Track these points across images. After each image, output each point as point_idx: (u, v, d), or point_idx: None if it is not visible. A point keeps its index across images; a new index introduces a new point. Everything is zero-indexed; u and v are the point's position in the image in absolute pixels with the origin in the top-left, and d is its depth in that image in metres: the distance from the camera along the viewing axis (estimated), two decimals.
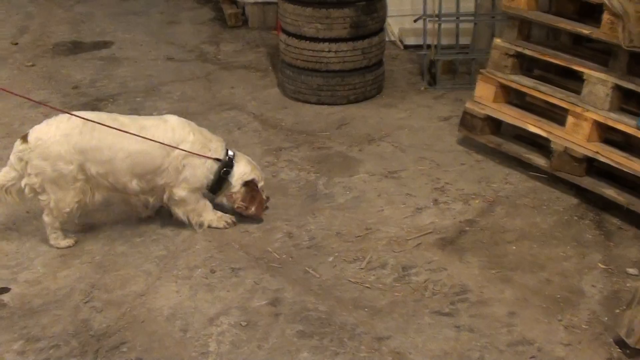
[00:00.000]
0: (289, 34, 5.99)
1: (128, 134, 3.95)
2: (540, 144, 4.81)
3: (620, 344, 3.35)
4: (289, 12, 5.90)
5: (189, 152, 4.06)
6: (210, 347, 3.35)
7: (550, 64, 4.92)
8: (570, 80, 4.81)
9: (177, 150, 4.06)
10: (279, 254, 4.02)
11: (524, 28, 4.96)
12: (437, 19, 6.29)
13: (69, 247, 4.12)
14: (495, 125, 5.07)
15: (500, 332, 3.42)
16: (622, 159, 4.31)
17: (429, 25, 6.36)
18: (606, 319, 3.54)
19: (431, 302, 3.62)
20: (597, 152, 4.40)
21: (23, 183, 4.01)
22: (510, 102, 5.08)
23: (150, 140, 4.00)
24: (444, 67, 6.57)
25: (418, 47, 6.78)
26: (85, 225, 4.29)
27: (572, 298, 3.68)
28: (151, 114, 5.68)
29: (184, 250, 4.07)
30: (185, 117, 4.24)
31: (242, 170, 4.24)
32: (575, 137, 4.49)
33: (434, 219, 4.34)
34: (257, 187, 4.28)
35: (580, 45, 5.16)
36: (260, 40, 7.76)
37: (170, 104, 5.97)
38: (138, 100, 6.15)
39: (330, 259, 3.97)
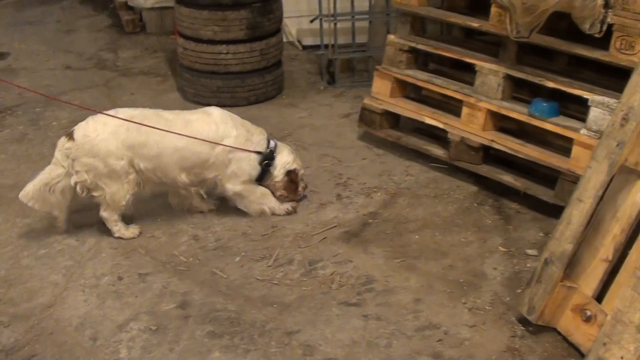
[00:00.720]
0: (186, 37, 5.97)
1: (173, 129, 4.06)
2: (438, 136, 4.94)
3: (523, 321, 3.47)
4: (185, 15, 5.88)
5: (233, 147, 4.16)
6: (121, 353, 3.32)
7: (445, 58, 5.06)
8: (465, 72, 4.95)
9: (228, 142, 4.16)
10: (185, 257, 4.01)
11: (417, 24, 5.09)
12: (332, 18, 6.37)
13: (134, 237, 4.19)
14: (394, 120, 5.18)
15: (407, 319, 3.50)
16: (517, 146, 4.46)
17: (326, 25, 6.43)
18: (508, 299, 3.66)
19: (338, 294, 3.67)
20: (493, 140, 4.55)
21: (73, 181, 4.03)
22: (407, 96, 5.19)
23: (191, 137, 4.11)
24: (342, 66, 6.65)
25: (316, 47, 6.84)
26: None
27: (475, 281, 3.80)
28: (51, 124, 5.59)
29: (90, 259, 4.01)
30: None
31: (285, 160, 4.36)
32: (470, 127, 4.63)
33: (337, 213, 4.41)
34: (297, 176, 4.41)
35: (472, 39, 5.31)
36: (158, 45, 7.71)
37: (70, 113, 5.85)
38: (37, 111, 6.00)
39: (237, 258, 3.98)
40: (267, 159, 4.29)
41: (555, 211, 4.33)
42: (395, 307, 3.58)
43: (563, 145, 4.31)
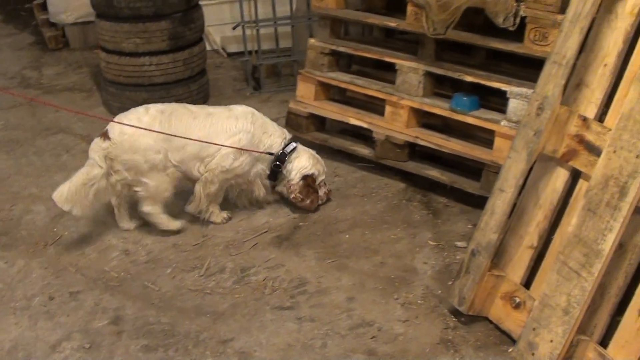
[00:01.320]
0: (108, 51, 5.90)
1: (195, 122, 4.18)
2: (364, 136, 4.97)
3: (455, 313, 3.53)
4: (106, 29, 5.82)
5: (237, 148, 4.21)
6: None
7: (367, 59, 5.11)
8: (387, 71, 5.01)
9: (234, 138, 4.20)
10: (116, 272, 3.96)
11: (336, 26, 5.12)
12: (255, 24, 6.38)
13: (180, 230, 4.29)
14: (320, 122, 5.20)
15: (341, 318, 3.52)
16: (441, 141, 4.53)
17: (248, 32, 6.44)
18: (440, 292, 3.72)
19: (272, 299, 3.68)
20: (417, 137, 4.60)
21: (113, 180, 4.12)
22: (331, 99, 5.22)
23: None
24: (268, 71, 6.66)
25: (241, 54, 6.83)
26: None
27: (406, 277, 3.84)
28: None
29: (20, 280, 3.93)
30: (11, 146, 4.10)
31: (302, 165, 4.37)
32: (394, 125, 4.68)
33: (268, 218, 4.41)
34: (314, 182, 4.41)
35: (392, 38, 5.37)
36: (82, 60, 7.59)
37: None
38: None
39: (169, 270, 3.96)
40: (278, 160, 4.34)
41: (482, 203, 4.38)
42: (329, 308, 3.60)
43: (486, 138, 4.39)
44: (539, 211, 3.41)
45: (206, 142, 4.14)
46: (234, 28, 6.57)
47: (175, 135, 4.07)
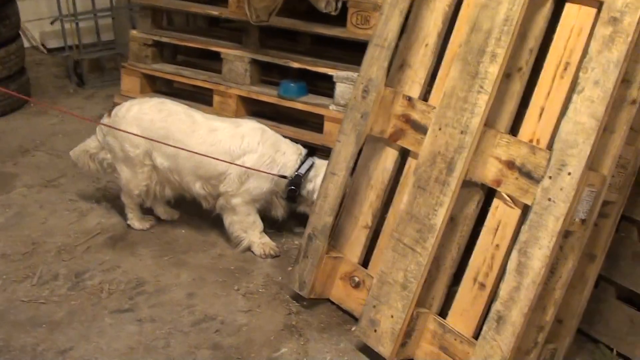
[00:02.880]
0: None
1: (196, 132, 3.84)
2: None
3: (297, 298, 3.55)
4: None
5: (249, 168, 3.81)
6: None
7: (193, 49, 5.03)
8: (213, 61, 4.96)
9: (242, 159, 3.81)
10: None
11: (158, 16, 5.01)
12: (74, 18, 6.14)
13: (143, 230, 4.13)
14: None
15: (182, 315, 3.45)
16: (272, 128, 4.45)
17: (68, 25, 6.19)
18: (280, 278, 3.72)
19: (110, 303, 3.54)
20: None
21: (100, 156, 4.11)
22: (158, 91, 5.11)
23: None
24: (91, 66, 6.45)
25: (61, 49, 6.57)
26: None
27: (246, 267, 3.82)
28: None
29: None
30: None
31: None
32: (224, 114, 4.63)
33: (100, 219, 4.25)
34: None
35: (217, 27, 5.32)
36: None
37: None
38: None
39: None
40: (293, 184, 3.89)
41: None
42: (169, 306, 3.52)
43: (317, 122, 4.44)
44: (371, 191, 3.47)
45: (205, 156, 3.81)
46: (52, 22, 6.31)
47: (162, 143, 3.84)
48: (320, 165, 3.90)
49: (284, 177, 3.88)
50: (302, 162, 3.91)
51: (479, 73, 2.96)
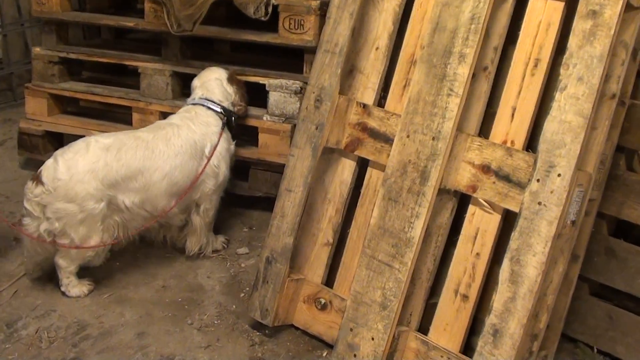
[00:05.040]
0: None
1: (155, 151, 3.54)
2: None
3: (257, 326, 3.30)
4: None
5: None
6: None
7: (99, 64, 4.66)
8: (127, 76, 4.65)
9: (208, 149, 3.69)
10: None
11: (63, 31, 4.61)
12: None
13: (79, 296, 3.52)
14: (58, 140, 4.64)
15: (136, 359, 3.12)
16: None
17: None
18: (234, 306, 3.47)
19: (52, 353, 3.14)
20: None
21: (42, 228, 3.40)
22: (68, 112, 4.71)
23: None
24: None
25: None
26: None
27: (194, 297, 3.54)
28: None
29: None
30: None
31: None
32: None
33: (22, 259, 3.78)
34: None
35: (125, 39, 5.00)
36: None
37: None
38: None
39: None
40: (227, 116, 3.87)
41: (252, 203, 4.23)
42: (119, 349, 3.17)
43: (252, 135, 4.17)
44: (329, 206, 3.27)
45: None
46: None
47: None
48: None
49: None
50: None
51: (447, 75, 2.81)
